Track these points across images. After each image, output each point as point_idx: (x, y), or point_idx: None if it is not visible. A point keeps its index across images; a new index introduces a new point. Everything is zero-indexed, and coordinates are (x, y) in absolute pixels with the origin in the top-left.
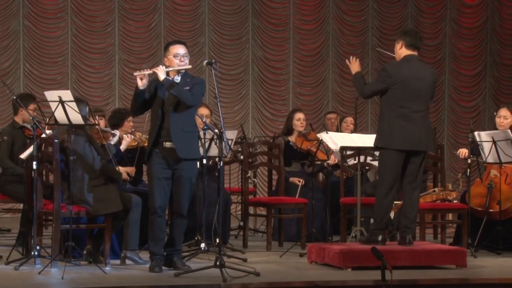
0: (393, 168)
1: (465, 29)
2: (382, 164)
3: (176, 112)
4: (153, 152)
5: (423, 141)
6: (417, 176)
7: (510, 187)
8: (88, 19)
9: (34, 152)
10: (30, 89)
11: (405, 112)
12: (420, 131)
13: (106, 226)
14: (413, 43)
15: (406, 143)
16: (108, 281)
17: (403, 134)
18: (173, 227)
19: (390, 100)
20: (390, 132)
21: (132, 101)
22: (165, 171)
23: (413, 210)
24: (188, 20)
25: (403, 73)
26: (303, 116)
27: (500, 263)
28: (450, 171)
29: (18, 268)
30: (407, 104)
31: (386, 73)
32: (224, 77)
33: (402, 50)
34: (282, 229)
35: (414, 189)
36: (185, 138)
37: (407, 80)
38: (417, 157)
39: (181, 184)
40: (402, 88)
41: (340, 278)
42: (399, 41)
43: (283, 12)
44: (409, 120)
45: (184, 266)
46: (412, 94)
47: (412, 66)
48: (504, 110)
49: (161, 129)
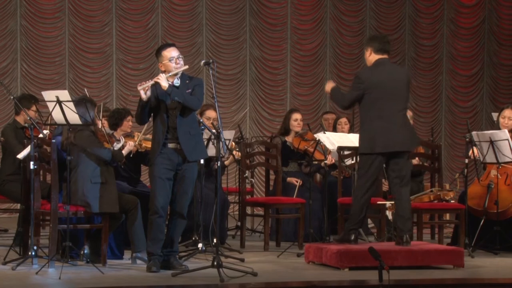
0: (373, 171)
1: (462, 29)
2: (363, 166)
3: (182, 116)
4: (158, 154)
5: (405, 141)
6: (404, 175)
7: (509, 188)
8: (85, 19)
9: (31, 152)
10: (27, 89)
11: (384, 114)
12: (400, 131)
13: (103, 226)
14: (381, 47)
15: (389, 145)
16: (105, 281)
17: (385, 137)
18: (173, 227)
19: (367, 105)
20: (372, 136)
21: (139, 112)
22: (169, 172)
23: (406, 209)
24: (185, 20)
25: (376, 77)
26: (300, 117)
27: (497, 263)
28: (448, 171)
29: (16, 268)
30: (384, 106)
31: (359, 80)
32: (222, 77)
33: (372, 56)
34: (280, 229)
35: (403, 187)
36: (192, 141)
37: (381, 83)
38: (400, 158)
39: (184, 184)
40: (377, 92)
41: (337, 278)
42: (368, 48)
43: (281, 12)
44: (388, 122)
45: (182, 266)
46: (387, 96)
47: (384, 69)
48: (508, 110)
49: (167, 132)
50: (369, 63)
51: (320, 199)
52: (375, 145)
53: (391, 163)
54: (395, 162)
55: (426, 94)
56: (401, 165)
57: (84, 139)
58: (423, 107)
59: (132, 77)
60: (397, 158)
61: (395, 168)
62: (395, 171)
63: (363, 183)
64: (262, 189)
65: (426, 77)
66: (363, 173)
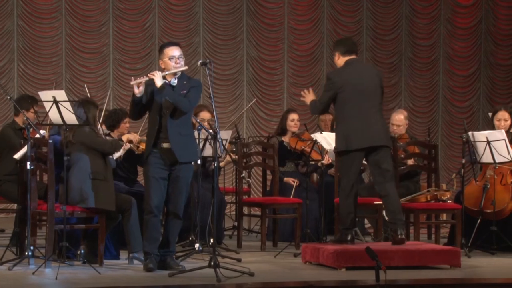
0: (352, 170)
1: (459, 29)
2: (342, 166)
3: (173, 117)
4: (151, 153)
5: (381, 136)
6: (385, 169)
7: (505, 188)
8: (82, 19)
9: (28, 152)
10: (24, 89)
11: (357, 112)
12: (374, 127)
13: (100, 226)
14: (347, 49)
15: (364, 141)
16: (102, 281)
17: (360, 133)
18: (169, 228)
19: (341, 104)
20: (347, 134)
21: (131, 107)
22: (162, 172)
23: (394, 202)
24: (182, 20)
25: (347, 76)
26: (297, 117)
27: (494, 263)
28: (444, 171)
29: (12, 268)
30: (357, 104)
31: (330, 81)
32: (219, 77)
33: (340, 60)
34: (277, 229)
35: (387, 183)
36: (183, 142)
37: (352, 81)
38: (377, 153)
39: (178, 185)
40: (349, 90)
41: (334, 278)
42: (335, 53)
43: (278, 12)
44: (362, 119)
45: (178, 266)
46: (360, 93)
47: (354, 67)
48: (502, 112)
49: (159, 132)
50: (338, 66)
51: (317, 199)
52: (351, 142)
53: (370, 160)
54: (374, 159)
55: (423, 94)
56: (381, 160)
57: (84, 135)
58: (420, 107)
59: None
60: (375, 154)
61: (375, 165)
62: (375, 167)
63: (345, 183)
64: (259, 189)
65: (423, 77)
66: (344, 173)
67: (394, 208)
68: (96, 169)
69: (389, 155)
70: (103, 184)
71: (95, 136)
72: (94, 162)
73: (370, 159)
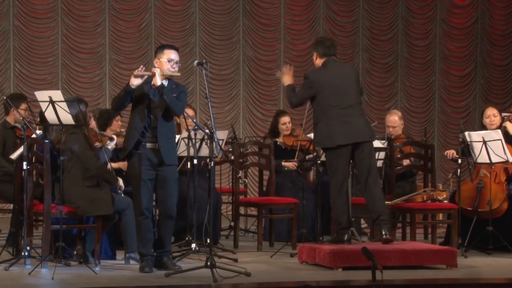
0: (340, 166)
1: (455, 30)
2: (330, 165)
3: (164, 118)
4: (135, 153)
5: (363, 131)
6: (371, 170)
7: (499, 186)
8: (78, 19)
9: (24, 152)
10: (20, 89)
11: (337, 110)
12: (357, 123)
13: (96, 227)
14: (325, 52)
15: (348, 137)
16: (98, 281)
17: (342, 131)
18: (161, 228)
19: (321, 103)
20: (328, 132)
21: (119, 97)
22: (150, 172)
23: (379, 203)
24: (178, 20)
25: (325, 76)
26: (288, 119)
27: (490, 262)
28: (441, 171)
29: (8, 268)
30: (337, 102)
31: (308, 80)
32: (215, 77)
33: (318, 60)
34: (273, 229)
35: (375, 184)
36: (169, 144)
37: (331, 81)
38: (361, 149)
39: (167, 185)
40: (328, 89)
41: (330, 278)
42: (313, 53)
43: (274, 13)
44: (343, 117)
45: (175, 267)
46: (339, 92)
47: (331, 67)
48: (490, 109)
49: (145, 130)
50: (317, 66)
51: (313, 199)
52: (335, 138)
53: (356, 157)
54: (359, 154)
55: (419, 94)
56: (366, 156)
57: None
58: (416, 107)
59: (125, 77)
60: (360, 150)
61: (359, 161)
62: (360, 163)
63: (335, 182)
64: (255, 189)
65: (419, 77)
66: (333, 172)
67: (378, 208)
68: (88, 175)
69: (373, 150)
70: (97, 190)
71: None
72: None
73: (356, 156)
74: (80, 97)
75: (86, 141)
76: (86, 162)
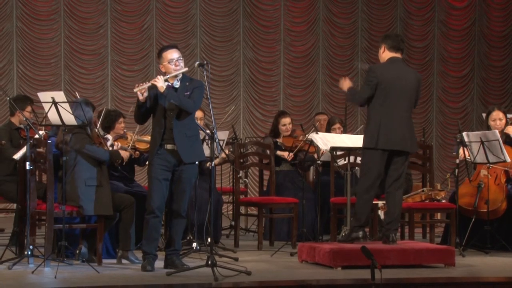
0: (376, 167)
1: (453, 31)
2: (365, 162)
3: (178, 118)
4: (155, 154)
5: (407, 141)
6: (401, 176)
7: (499, 187)
8: (80, 21)
9: (28, 152)
10: (23, 90)
11: (390, 112)
12: (403, 131)
13: (98, 226)
14: (394, 45)
15: (390, 143)
16: (100, 280)
17: (388, 134)
18: (173, 227)
19: (377, 100)
20: (376, 132)
21: (136, 112)
22: (165, 173)
23: (397, 209)
24: (179, 22)
25: (388, 73)
26: (289, 121)
27: (488, 262)
28: (439, 171)
29: (12, 267)
30: (392, 104)
31: (372, 73)
32: (216, 78)
33: (385, 53)
34: (273, 229)
35: (398, 189)
36: (188, 143)
37: (392, 80)
38: (400, 157)
39: (181, 185)
40: (388, 88)
41: (330, 277)
42: (382, 45)
43: (274, 14)
44: (393, 120)
45: (184, 266)
46: (396, 94)
47: (396, 67)
48: (496, 112)
49: (163, 134)
50: (382, 60)
51: (313, 199)
52: (378, 140)
53: (391, 162)
54: (395, 162)
55: None
56: (399, 165)
57: (80, 141)
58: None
59: (127, 79)
60: (396, 157)
61: (393, 168)
62: (392, 171)
63: (367, 178)
64: (256, 189)
65: None
66: (366, 170)
67: (395, 214)
68: (91, 176)
69: (408, 160)
70: (99, 190)
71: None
72: (89, 168)
73: (391, 161)
74: (87, 100)
75: (90, 139)
76: (96, 154)
